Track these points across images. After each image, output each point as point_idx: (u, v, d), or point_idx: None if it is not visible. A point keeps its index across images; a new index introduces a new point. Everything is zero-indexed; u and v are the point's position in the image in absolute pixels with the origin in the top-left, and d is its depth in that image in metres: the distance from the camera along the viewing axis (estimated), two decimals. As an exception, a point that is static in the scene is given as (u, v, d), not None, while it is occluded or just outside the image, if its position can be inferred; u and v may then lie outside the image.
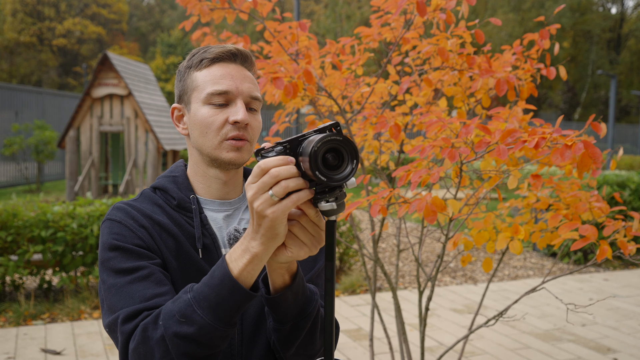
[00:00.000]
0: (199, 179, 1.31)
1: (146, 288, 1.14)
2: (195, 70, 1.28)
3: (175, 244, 1.24)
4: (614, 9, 44.50)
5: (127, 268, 1.16)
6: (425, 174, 1.96)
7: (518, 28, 31.79)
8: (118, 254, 1.18)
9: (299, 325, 1.18)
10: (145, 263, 1.18)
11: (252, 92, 1.27)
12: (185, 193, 1.30)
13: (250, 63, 1.31)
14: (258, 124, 1.29)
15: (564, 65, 3.52)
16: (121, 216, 1.23)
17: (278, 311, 1.15)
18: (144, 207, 1.27)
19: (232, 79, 1.25)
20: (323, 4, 31.20)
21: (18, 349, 4.27)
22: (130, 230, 1.21)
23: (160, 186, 1.32)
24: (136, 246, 1.19)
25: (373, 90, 2.64)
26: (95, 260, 5.21)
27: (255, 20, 2.55)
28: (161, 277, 1.17)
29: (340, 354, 4.28)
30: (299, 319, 1.17)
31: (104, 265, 1.20)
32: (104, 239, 1.21)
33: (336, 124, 1.01)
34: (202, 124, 1.25)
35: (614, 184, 7.35)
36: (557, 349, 4.47)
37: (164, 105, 12.03)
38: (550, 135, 1.76)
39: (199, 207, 1.29)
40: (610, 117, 19.00)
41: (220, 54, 1.26)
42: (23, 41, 35.35)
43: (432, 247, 8.02)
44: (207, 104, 1.25)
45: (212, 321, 1.04)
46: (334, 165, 0.94)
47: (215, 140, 1.24)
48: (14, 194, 10.89)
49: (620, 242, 2.15)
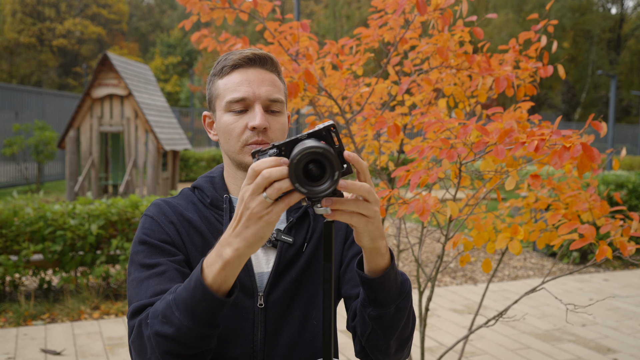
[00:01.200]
0: (232, 180, 1.37)
1: (158, 284, 1.19)
2: (218, 79, 1.32)
3: (202, 241, 1.30)
4: (614, 9, 44.50)
5: (148, 264, 1.23)
6: (424, 175, 1.97)
7: (519, 28, 31.80)
8: (145, 248, 1.25)
9: (401, 307, 1.18)
10: (165, 260, 1.23)
11: (271, 95, 1.29)
12: (219, 192, 1.36)
13: (270, 64, 1.32)
14: (281, 125, 1.31)
15: (564, 65, 3.51)
16: (154, 212, 1.32)
17: (381, 294, 1.15)
18: (178, 204, 1.35)
19: (249, 85, 1.28)
20: (323, 4, 31.21)
21: (18, 349, 4.27)
22: (159, 225, 1.29)
23: (198, 185, 1.39)
24: (162, 241, 1.26)
25: (373, 91, 2.64)
26: (94, 260, 5.22)
27: (255, 20, 2.55)
28: (175, 274, 1.22)
29: (340, 354, 4.28)
30: (400, 299, 1.18)
31: (132, 257, 1.27)
32: (138, 233, 1.30)
33: (333, 125, 1.01)
34: (225, 131, 1.30)
35: (612, 184, 7.36)
36: (557, 349, 4.47)
37: (164, 105, 12.03)
38: (550, 137, 1.76)
39: (231, 206, 1.33)
40: (610, 117, 19.00)
41: (238, 61, 1.29)
42: (23, 41, 35.36)
43: (432, 247, 8.02)
44: (228, 112, 1.29)
45: (189, 323, 1.05)
46: (317, 175, 0.93)
47: (237, 146, 1.29)
48: (15, 191, 10.88)
49: (620, 242, 2.15)
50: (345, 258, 1.36)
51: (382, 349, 1.22)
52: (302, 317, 1.31)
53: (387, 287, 1.14)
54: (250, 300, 1.28)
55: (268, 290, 1.29)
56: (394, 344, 1.22)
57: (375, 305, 1.17)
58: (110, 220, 5.19)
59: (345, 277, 1.35)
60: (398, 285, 1.17)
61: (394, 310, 1.17)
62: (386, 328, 1.19)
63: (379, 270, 1.13)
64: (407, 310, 1.20)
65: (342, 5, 29.07)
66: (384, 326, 1.19)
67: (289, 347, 1.29)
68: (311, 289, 1.34)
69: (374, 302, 1.17)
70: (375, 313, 1.17)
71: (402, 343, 1.24)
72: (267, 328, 1.28)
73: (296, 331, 1.30)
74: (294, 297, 1.31)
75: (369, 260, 1.12)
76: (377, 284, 1.13)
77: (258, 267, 1.31)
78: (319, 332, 1.33)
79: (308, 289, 1.33)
